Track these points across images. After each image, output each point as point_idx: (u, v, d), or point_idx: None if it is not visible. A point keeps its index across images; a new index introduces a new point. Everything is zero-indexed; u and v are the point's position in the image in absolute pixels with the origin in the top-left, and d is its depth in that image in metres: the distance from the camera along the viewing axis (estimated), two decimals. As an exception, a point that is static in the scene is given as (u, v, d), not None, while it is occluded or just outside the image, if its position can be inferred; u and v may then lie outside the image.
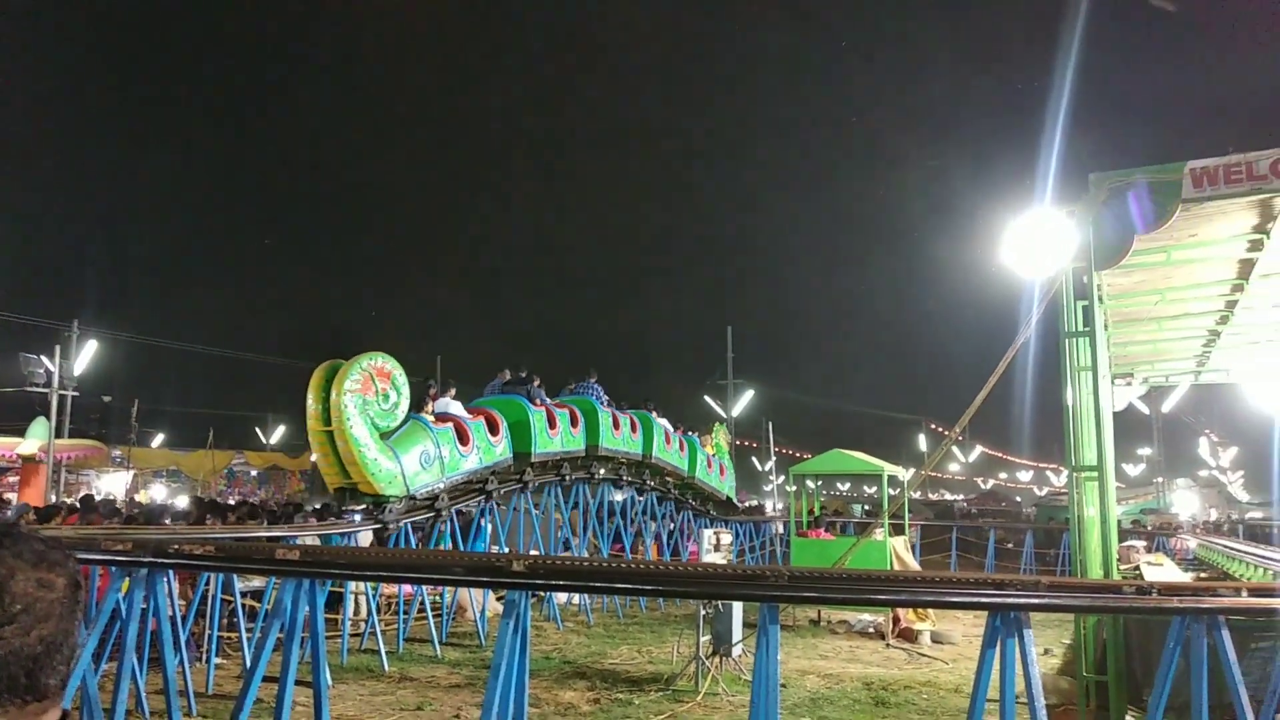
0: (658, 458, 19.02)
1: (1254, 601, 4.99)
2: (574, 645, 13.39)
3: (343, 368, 11.66)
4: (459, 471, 13.20)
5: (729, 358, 40.35)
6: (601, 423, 16.88)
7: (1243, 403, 16.32)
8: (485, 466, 13.93)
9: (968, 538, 28.02)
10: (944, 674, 11.97)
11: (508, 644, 4.21)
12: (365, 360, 11.81)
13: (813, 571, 4.86)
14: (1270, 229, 8.90)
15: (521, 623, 4.28)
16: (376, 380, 11.85)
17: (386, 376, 12.01)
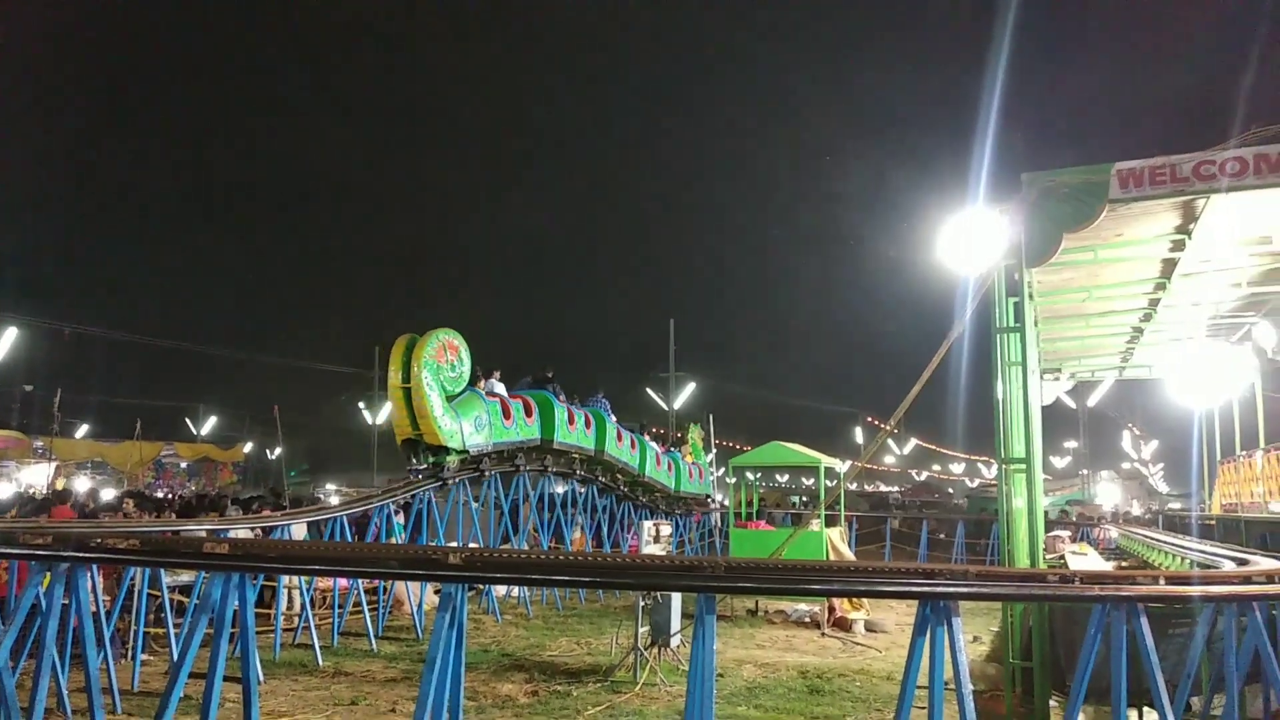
0: (610, 454, 19.51)
1: (1170, 589, 5.18)
2: (513, 638, 13.34)
3: (424, 337, 13.75)
4: (502, 440, 15.60)
5: (671, 351, 40.55)
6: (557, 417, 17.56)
7: (1163, 398, 16.93)
8: (521, 440, 16.29)
9: (902, 529, 28.59)
10: (877, 662, 12.21)
11: (443, 637, 4.17)
12: (441, 334, 13.97)
13: (749, 562, 4.90)
14: (1192, 229, 9.23)
15: (458, 615, 4.24)
16: (447, 351, 14.07)
17: (455, 350, 14.26)
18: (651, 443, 21.06)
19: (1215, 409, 15.84)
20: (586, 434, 18.76)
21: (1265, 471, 13.01)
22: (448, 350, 14.10)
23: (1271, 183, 7.76)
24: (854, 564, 6.45)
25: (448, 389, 14.08)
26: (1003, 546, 9.87)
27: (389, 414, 14.95)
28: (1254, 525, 11.25)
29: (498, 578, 4.93)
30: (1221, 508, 15.57)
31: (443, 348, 14.00)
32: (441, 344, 13.97)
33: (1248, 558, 7.32)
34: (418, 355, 13.58)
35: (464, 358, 14.48)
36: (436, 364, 13.80)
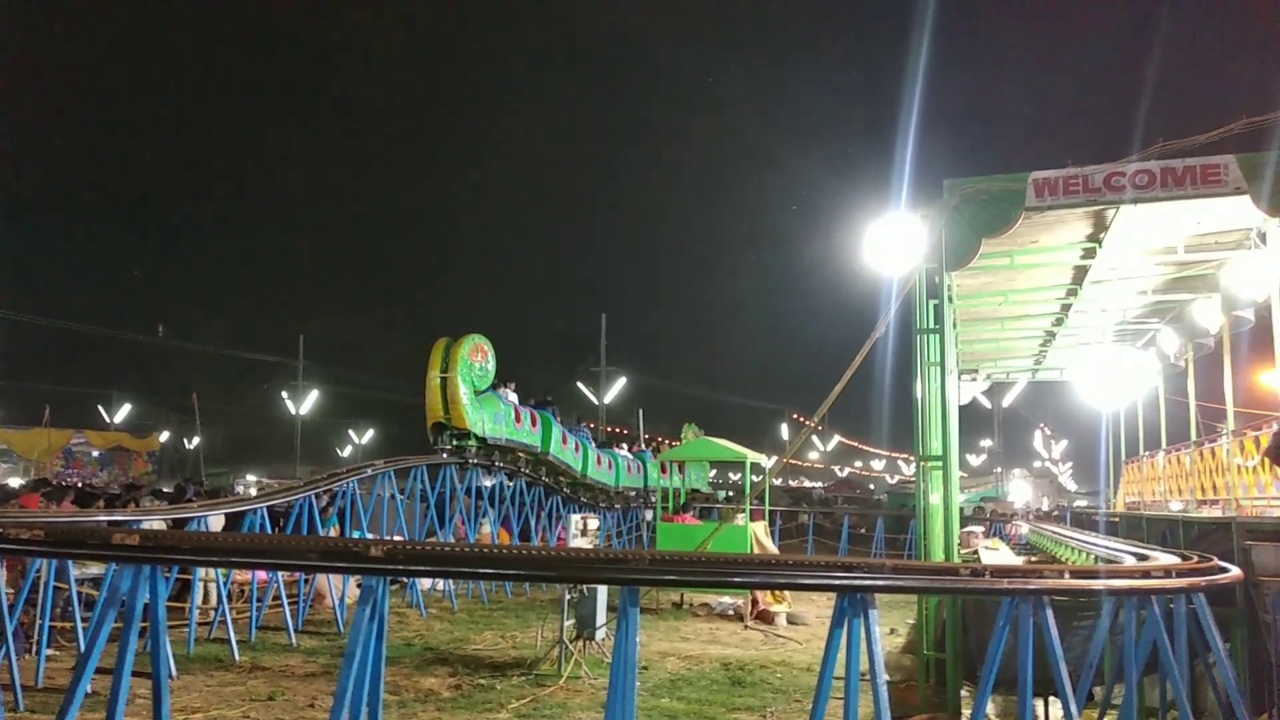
0: (554, 455, 20.61)
1: (1074, 583, 5.41)
2: (437, 631, 13.23)
3: (462, 338, 16.52)
4: (515, 439, 18.22)
5: (602, 345, 40.57)
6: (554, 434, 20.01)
7: (1073, 399, 17.60)
8: (526, 444, 18.85)
9: (824, 523, 29.15)
10: (798, 654, 12.45)
11: (363, 630, 4.13)
12: (475, 338, 16.70)
13: (673, 555, 4.96)
14: (1102, 238, 9.62)
15: (379, 608, 4.20)
16: (478, 353, 16.74)
17: (484, 353, 16.95)
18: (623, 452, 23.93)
19: (1121, 411, 16.53)
20: (575, 456, 21.43)
21: (1166, 471, 13.65)
22: (479, 352, 16.77)
23: (1177, 195, 8.14)
24: (776, 557, 6.58)
25: (476, 385, 16.63)
26: (919, 541, 10.16)
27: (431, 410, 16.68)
28: (1155, 522, 11.78)
29: (421, 570, 4.90)
30: (1125, 505, 16.29)
31: (475, 349, 16.66)
32: (475, 346, 16.66)
33: (1148, 553, 7.68)
34: (455, 352, 16.19)
35: (490, 361, 17.05)
36: (470, 362, 16.40)
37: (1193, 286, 11.55)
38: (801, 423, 55.14)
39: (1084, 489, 37.86)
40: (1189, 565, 6.19)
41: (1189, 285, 11.55)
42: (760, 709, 9.20)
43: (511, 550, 4.78)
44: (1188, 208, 8.64)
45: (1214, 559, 6.67)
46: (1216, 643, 5.97)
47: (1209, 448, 11.59)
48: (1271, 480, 9.64)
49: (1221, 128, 8.61)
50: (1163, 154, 8.01)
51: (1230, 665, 6.24)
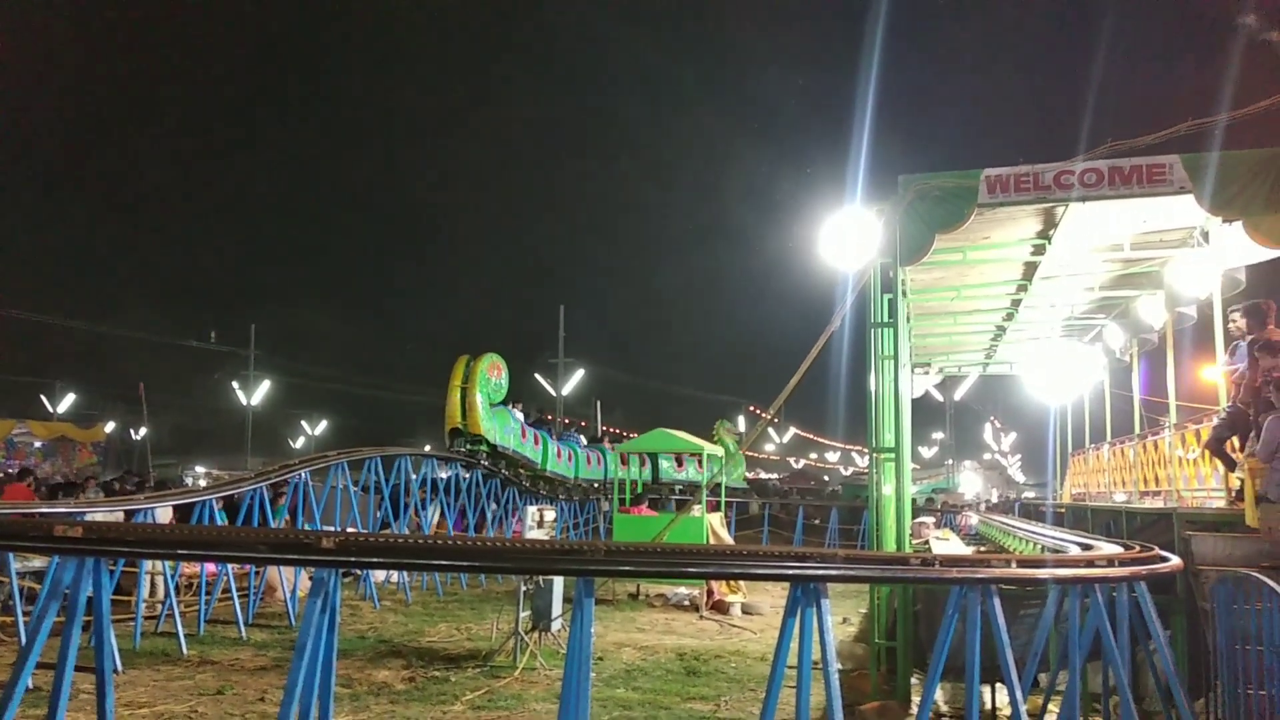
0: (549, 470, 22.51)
1: (1021, 572, 5.53)
2: (390, 624, 13.12)
3: (482, 356, 19.18)
4: (519, 451, 20.59)
5: (560, 337, 40.48)
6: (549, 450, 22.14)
7: (1022, 393, 17.95)
8: (528, 458, 21.16)
9: (779, 514, 29.40)
10: (752, 643, 12.56)
11: (314, 623, 4.08)
12: (492, 356, 19.38)
13: (628, 546, 4.98)
14: (1052, 235, 9.81)
15: (330, 601, 4.16)
16: (495, 370, 19.39)
17: (500, 370, 19.65)
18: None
19: (1068, 404, 16.91)
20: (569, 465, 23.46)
21: (1111, 463, 13.98)
22: (495, 369, 19.41)
23: (1123, 194, 8.32)
24: (730, 547, 6.64)
25: (491, 398, 19.26)
26: (872, 532, 10.30)
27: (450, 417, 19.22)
28: (1099, 513, 12.08)
29: (373, 562, 4.85)
30: (1072, 496, 16.65)
31: (492, 366, 19.34)
32: (492, 363, 19.40)
33: (1092, 543, 7.87)
34: (475, 367, 18.88)
35: (504, 378, 19.74)
36: (487, 376, 19.08)
37: (1138, 283, 11.83)
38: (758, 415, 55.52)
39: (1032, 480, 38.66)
40: (1131, 555, 6.35)
41: (1134, 282, 11.83)
42: (714, 698, 9.26)
43: (465, 542, 4.75)
44: (1134, 206, 8.85)
45: (1155, 549, 6.86)
46: (1157, 630, 6.13)
47: (1152, 440, 11.89)
48: (1211, 472, 9.91)
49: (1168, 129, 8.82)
50: (1110, 153, 8.20)
51: (1170, 652, 6.41)
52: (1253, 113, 7.39)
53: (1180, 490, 10.52)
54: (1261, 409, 7.74)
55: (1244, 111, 7.47)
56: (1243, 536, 7.52)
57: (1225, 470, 8.96)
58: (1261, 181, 7.95)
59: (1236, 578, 6.30)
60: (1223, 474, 9.13)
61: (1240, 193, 7.99)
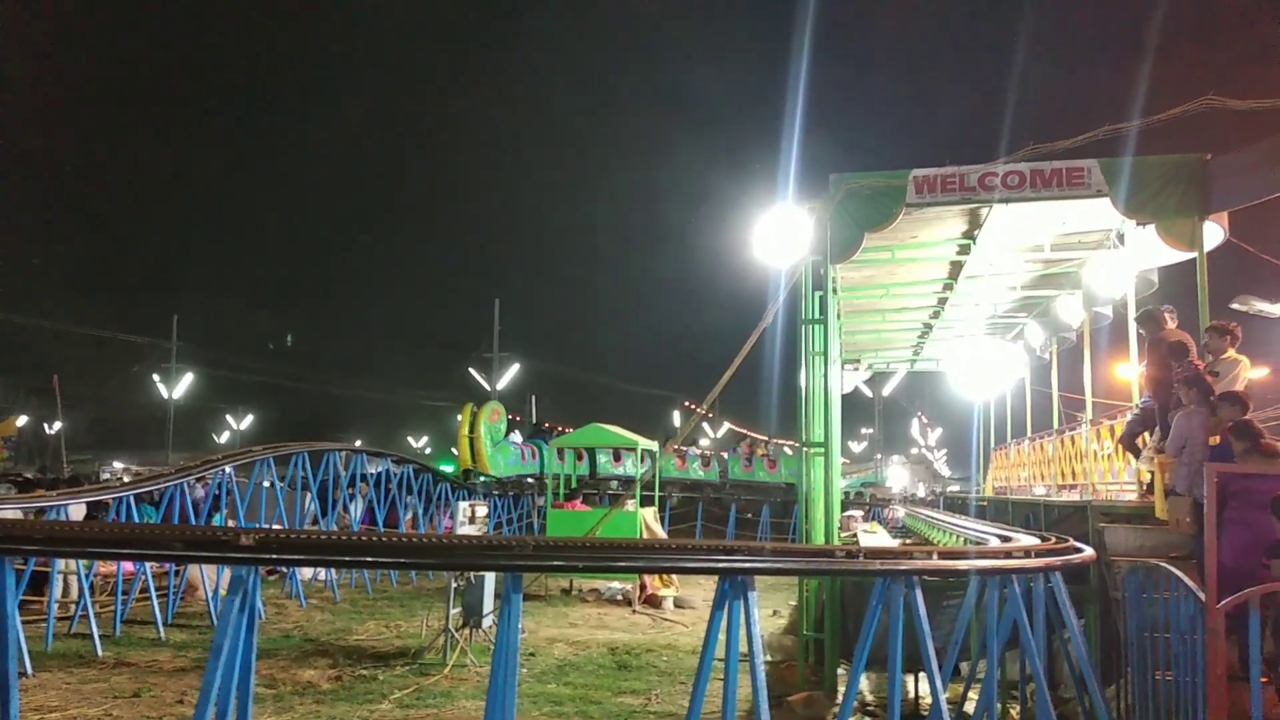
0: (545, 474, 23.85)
1: (942, 564, 5.66)
2: (317, 622, 12.87)
3: (484, 406, 23.28)
4: (522, 472, 24.22)
5: (495, 331, 40.13)
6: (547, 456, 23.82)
7: (948, 389, 18.39)
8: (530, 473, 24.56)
9: (713, 508, 29.62)
10: (684, 637, 12.64)
11: (232, 622, 3.97)
12: (492, 404, 23.99)
13: (558, 541, 4.95)
14: (977, 235, 10.07)
15: (250, 599, 4.05)
16: (495, 414, 23.37)
17: (499, 414, 23.83)
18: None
19: (991, 400, 17.38)
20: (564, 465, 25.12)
21: (1031, 457, 14.41)
22: (495, 414, 23.27)
23: (1045, 196, 8.59)
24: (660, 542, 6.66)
25: (493, 438, 22.73)
26: (801, 525, 10.46)
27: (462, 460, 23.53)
28: (1019, 506, 12.44)
29: (296, 559, 4.73)
30: (994, 490, 17.12)
31: (493, 413, 23.27)
32: (492, 410, 23.42)
33: (1011, 535, 8.10)
34: (480, 416, 22.55)
35: (502, 421, 23.76)
36: (489, 423, 22.71)
37: (1057, 283, 12.22)
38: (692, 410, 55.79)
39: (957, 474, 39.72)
40: (1047, 546, 6.55)
41: (1054, 282, 12.22)
42: (646, 692, 9.30)
43: (392, 538, 4.67)
44: (1054, 208, 9.14)
45: (1070, 540, 7.08)
46: (1071, 619, 6.34)
47: (1069, 435, 12.28)
48: (1124, 467, 10.28)
49: (1088, 132, 9.09)
50: (1032, 156, 8.42)
51: (1083, 640, 6.63)
52: (1167, 119, 7.68)
53: (1095, 484, 10.89)
54: (1172, 405, 8.05)
55: (1158, 118, 7.76)
56: (1152, 528, 7.82)
57: (1137, 464, 9.30)
58: (1173, 186, 8.28)
59: (1146, 568, 6.55)
60: (1135, 468, 9.48)
61: (1153, 197, 8.32)
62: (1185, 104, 7.52)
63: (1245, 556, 6.08)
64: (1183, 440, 7.16)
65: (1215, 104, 7.43)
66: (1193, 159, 8.28)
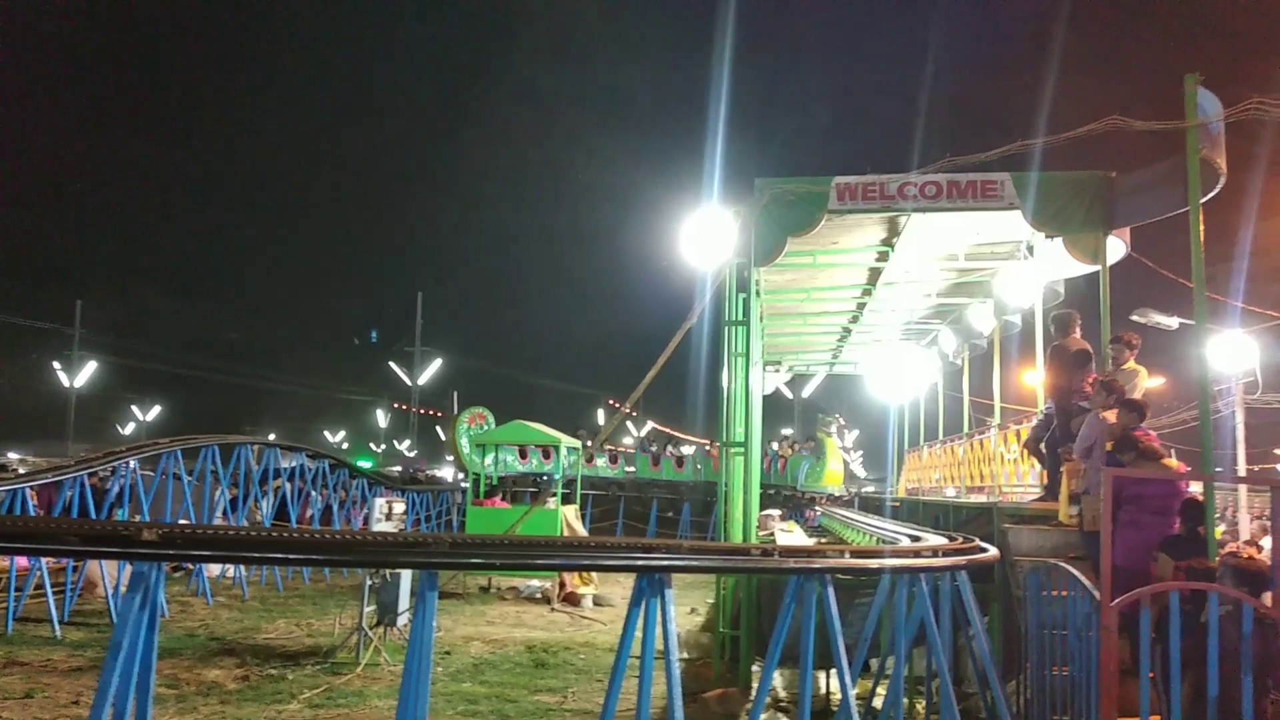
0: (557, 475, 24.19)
1: (853, 562, 5.81)
2: (224, 621, 12.49)
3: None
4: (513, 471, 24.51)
5: (418, 325, 39.55)
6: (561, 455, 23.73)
7: (865, 392, 18.83)
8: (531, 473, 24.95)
9: (635, 507, 29.70)
10: (603, 634, 12.65)
11: (132, 620, 3.83)
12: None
13: (475, 538, 4.92)
14: (895, 243, 10.33)
15: (151, 596, 3.91)
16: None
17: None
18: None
19: (906, 404, 17.86)
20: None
21: (942, 460, 14.86)
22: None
23: (960, 206, 8.85)
24: (578, 540, 6.67)
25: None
26: (720, 524, 10.57)
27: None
28: (930, 506, 12.80)
29: (200, 555, 4.58)
30: (907, 491, 17.59)
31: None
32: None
33: (921, 535, 8.34)
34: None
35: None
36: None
37: (970, 292, 12.62)
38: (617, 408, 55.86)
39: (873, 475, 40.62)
40: (953, 546, 6.77)
41: (967, 290, 12.61)
42: (562, 690, 9.29)
43: (302, 534, 4.56)
44: (969, 219, 9.43)
45: (976, 541, 7.33)
46: (975, 617, 6.56)
47: (979, 439, 12.70)
48: (1029, 470, 10.68)
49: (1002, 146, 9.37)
50: (949, 168, 8.65)
51: (986, 637, 6.88)
52: (1075, 137, 7.98)
53: (1001, 486, 11.28)
54: (1074, 412, 8.39)
55: (1066, 135, 8.04)
56: (1053, 529, 8.14)
57: (1041, 468, 9.67)
58: (1080, 202, 8.63)
59: (1046, 567, 6.81)
60: (1039, 471, 9.84)
61: (1061, 211, 8.65)
62: (1092, 123, 7.82)
63: (1137, 557, 6.39)
64: (1091, 442, 7.46)
65: (1119, 124, 7.75)
66: (1098, 176, 8.63)
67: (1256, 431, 29.28)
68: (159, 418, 56.64)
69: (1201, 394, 7.41)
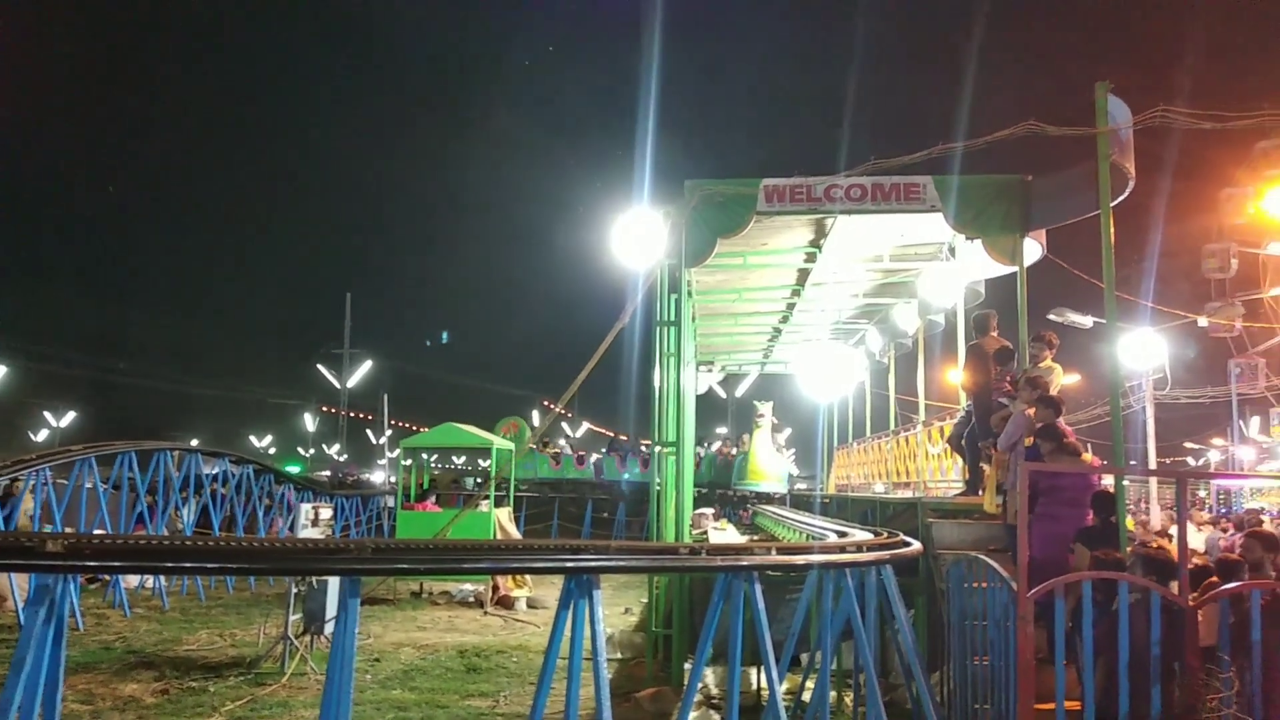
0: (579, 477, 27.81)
1: (780, 559, 5.87)
2: (143, 633, 12.08)
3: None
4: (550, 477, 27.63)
5: (347, 327, 38.83)
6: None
7: (796, 390, 19.07)
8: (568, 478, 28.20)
9: (570, 508, 29.62)
10: (536, 637, 12.58)
11: (36, 634, 3.66)
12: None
13: (400, 543, 4.84)
14: (822, 244, 10.49)
15: (56, 610, 3.75)
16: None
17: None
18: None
19: (835, 402, 18.14)
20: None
21: (870, 457, 15.14)
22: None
23: (885, 209, 9.02)
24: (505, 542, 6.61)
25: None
26: (652, 523, 10.61)
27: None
28: (858, 502, 13.04)
29: (113, 566, 4.40)
30: (836, 488, 17.88)
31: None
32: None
33: (848, 531, 8.47)
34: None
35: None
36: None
37: (895, 292, 12.89)
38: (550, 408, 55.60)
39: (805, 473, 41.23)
40: (879, 541, 6.90)
41: (892, 291, 12.87)
42: (494, 694, 9.21)
43: (224, 542, 4.42)
44: (893, 221, 9.63)
45: (900, 535, 7.48)
46: (900, 610, 6.69)
47: (904, 436, 12.97)
48: (952, 465, 10.94)
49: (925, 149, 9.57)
50: (873, 170, 8.81)
51: (910, 629, 7.03)
52: (993, 141, 8.20)
53: (926, 482, 11.54)
54: (995, 408, 8.63)
55: (984, 140, 8.26)
56: (975, 522, 8.36)
57: (963, 463, 9.92)
58: (998, 204, 8.87)
59: (968, 560, 6.98)
60: (962, 466, 10.10)
61: (980, 214, 8.88)
62: (1009, 128, 8.04)
63: (1052, 548, 6.60)
64: (1015, 437, 7.68)
65: (1035, 129, 7.99)
66: (1015, 180, 8.89)
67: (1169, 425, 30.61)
68: (74, 424, 54.46)
69: (1112, 390, 7.68)
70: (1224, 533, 14.50)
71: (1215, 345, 25.74)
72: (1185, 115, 7.61)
